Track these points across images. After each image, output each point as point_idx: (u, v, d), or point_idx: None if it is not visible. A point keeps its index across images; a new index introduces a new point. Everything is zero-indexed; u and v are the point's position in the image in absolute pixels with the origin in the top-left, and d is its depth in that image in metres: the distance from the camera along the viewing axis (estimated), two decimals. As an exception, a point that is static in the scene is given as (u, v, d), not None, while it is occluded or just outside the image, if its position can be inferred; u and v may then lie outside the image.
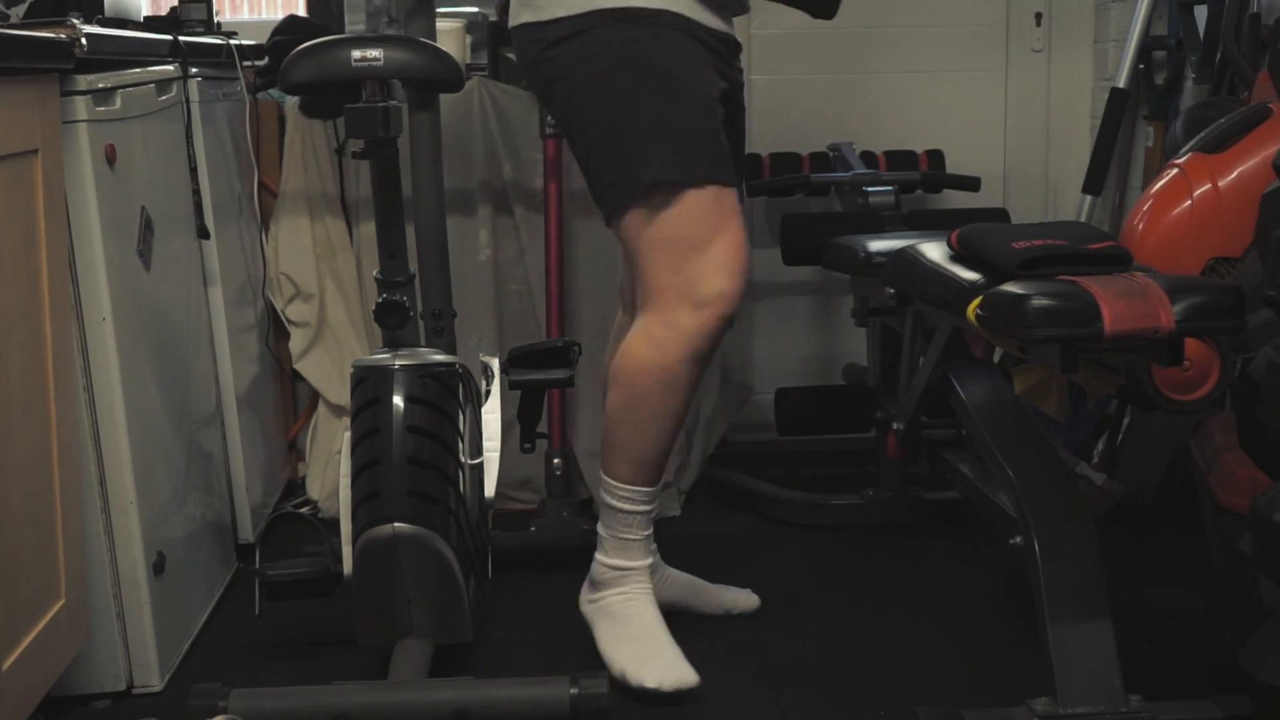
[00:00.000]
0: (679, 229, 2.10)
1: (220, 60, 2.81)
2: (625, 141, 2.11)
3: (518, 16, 2.19)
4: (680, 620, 2.19)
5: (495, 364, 2.69)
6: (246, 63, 2.92)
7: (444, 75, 2.27)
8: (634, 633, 2.19)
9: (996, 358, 2.60)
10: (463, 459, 2.25)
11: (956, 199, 3.51)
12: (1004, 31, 3.64)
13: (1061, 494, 2.11)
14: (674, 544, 2.19)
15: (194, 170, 2.60)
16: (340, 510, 2.25)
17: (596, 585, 2.29)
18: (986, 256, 2.12)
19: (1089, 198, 3.46)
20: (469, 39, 3.29)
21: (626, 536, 2.22)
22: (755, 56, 3.51)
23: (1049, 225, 2.20)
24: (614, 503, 2.24)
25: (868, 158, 3.41)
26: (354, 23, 3.47)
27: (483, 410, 2.55)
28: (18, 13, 2.38)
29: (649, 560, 2.27)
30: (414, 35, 2.57)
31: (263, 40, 3.09)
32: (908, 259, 2.40)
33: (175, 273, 2.50)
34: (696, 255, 2.10)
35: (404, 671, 2.13)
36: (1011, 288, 1.96)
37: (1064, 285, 1.94)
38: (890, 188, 3.30)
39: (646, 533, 2.24)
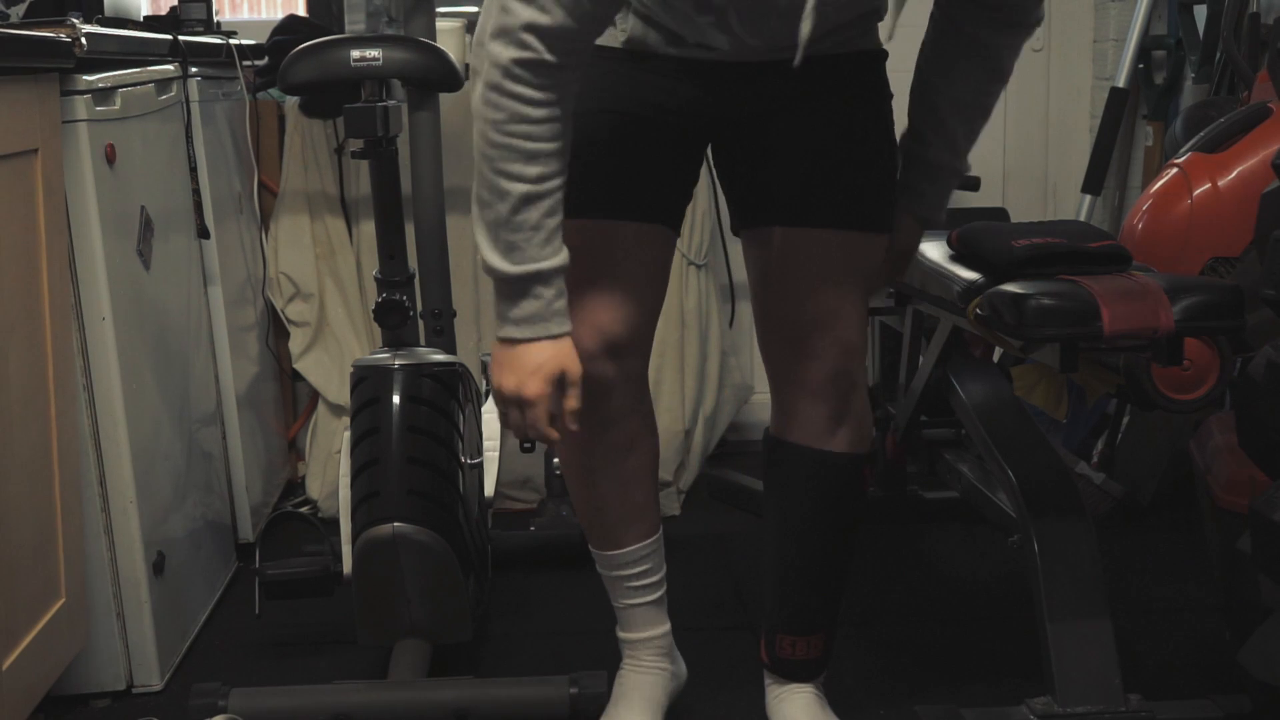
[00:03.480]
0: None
1: (220, 60, 2.81)
2: None
3: None
4: (678, 620, 2.18)
5: (495, 364, 2.68)
6: (246, 62, 2.92)
7: (443, 75, 2.27)
8: (611, 708, 2.07)
9: (996, 358, 2.60)
10: (462, 459, 2.25)
11: (956, 198, 3.50)
12: (1004, 31, 3.64)
13: (1061, 494, 2.11)
14: (674, 544, 2.18)
15: (194, 170, 2.60)
16: (340, 510, 2.25)
17: None
18: (986, 255, 2.12)
19: (1089, 197, 3.47)
20: (469, 38, 3.29)
21: (613, 604, 2.08)
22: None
23: (1048, 224, 2.20)
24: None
25: (868, 157, 3.41)
26: (354, 22, 3.47)
27: (483, 410, 2.55)
28: (17, 12, 2.38)
29: (644, 634, 2.06)
30: (413, 35, 2.57)
31: (263, 40, 3.09)
32: (907, 259, 2.40)
33: (175, 272, 2.50)
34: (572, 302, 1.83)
35: (404, 671, 2.13)
36: (1011, 287, 1.96)
37: (1064, 285, 1.94)
38: (890, 187, 3.29)
39: (629, 602, 2.05)
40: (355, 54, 2.16)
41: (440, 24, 2.94)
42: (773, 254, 1.89)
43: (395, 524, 2.10)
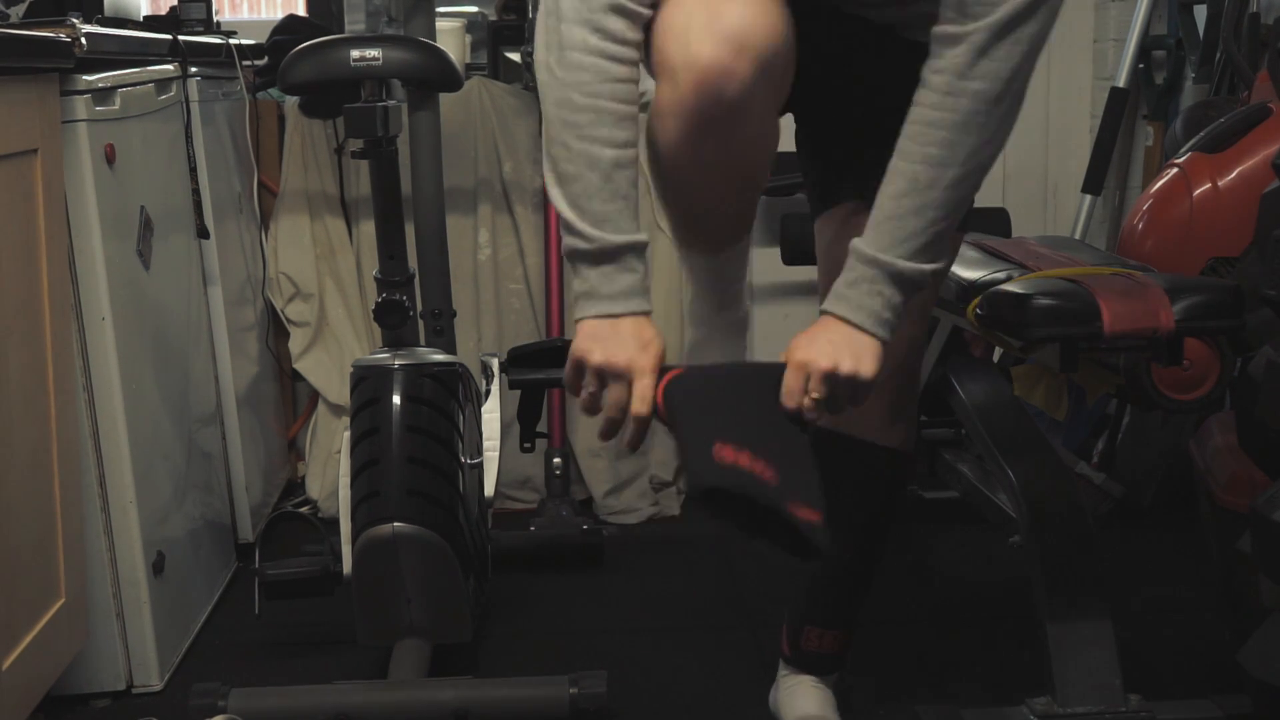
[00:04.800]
0: None
1: (220, 60, 2.81)
2: None
3: None
4: (679, 620, 2.18)
5: (495, 364, 2.69)
6: (246, 62, 2.92)
7: (443, 75, 2.27)
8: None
9: (996, 358, 2.60)
10: (462, 459, 2.25)
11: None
12: (1004, 31, 3.63)
13: (1061, 494, 2.11)
14: (674, 544, 2.18)
15: (194, 170, 2.60)
16: (340, 510, 2.25)
17: None
18: None
19: (1089, 197, 3.46)
20: (469, 38, 3.30)
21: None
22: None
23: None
24: None
25: (868, 157, 3.40)
26: (354, 22, 3.47)
27: (483, 410, 2.55)
28: (17, 12, 2.38)
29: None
30: (413, 35, 2.57)
31: (262, 40, 3.09)
32: (907, 259, 2.39)
33: (175, 272, 2.50)
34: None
35: (404, 671, 2.13)
36: (1011, 287, 1.96)
37: (1064, 284, 1.94)
38: (890, 187, 3.29)
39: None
40: (355, 54, 2.16)
41: (440, 24, 2.94)
42: (845, 232, 1.74)
43: (395, 524, 2.10)
